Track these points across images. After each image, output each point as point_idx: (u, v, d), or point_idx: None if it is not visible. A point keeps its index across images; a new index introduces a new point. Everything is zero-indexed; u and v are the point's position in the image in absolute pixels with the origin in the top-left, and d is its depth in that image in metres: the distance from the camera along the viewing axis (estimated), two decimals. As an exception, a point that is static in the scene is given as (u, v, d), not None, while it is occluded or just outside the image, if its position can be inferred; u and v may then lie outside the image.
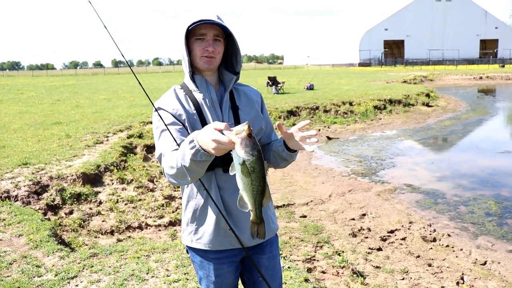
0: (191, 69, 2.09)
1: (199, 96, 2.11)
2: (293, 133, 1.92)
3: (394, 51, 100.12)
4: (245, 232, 2.11)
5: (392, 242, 5.80)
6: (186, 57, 2.04)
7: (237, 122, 2.10)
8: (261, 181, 1.73)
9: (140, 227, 6.07)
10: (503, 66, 66.87)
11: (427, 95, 22.19)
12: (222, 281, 2.22)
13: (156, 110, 2.07)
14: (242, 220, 2.10)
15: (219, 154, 1.65)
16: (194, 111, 2.07)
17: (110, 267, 4.33)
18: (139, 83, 2.26)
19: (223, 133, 1.61)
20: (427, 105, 20.47)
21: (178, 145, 1.91)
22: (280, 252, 4.90)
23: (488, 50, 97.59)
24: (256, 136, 2.16)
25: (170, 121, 2.02)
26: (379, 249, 5.53)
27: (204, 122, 2.04)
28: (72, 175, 6.95)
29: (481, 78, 44.22)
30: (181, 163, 1.77)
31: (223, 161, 2.01)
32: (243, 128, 1.61)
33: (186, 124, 2.05)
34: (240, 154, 1.63)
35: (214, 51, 2.04)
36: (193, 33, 2.03)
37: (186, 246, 2.27)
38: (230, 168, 1.72)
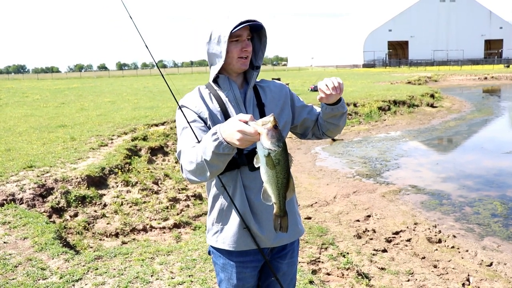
0: (218, 73, 2.08)
1: (223, 94, 2.11)
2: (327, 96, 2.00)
3: (398, 52, 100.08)
4: (270, 233, 2.09)
5: (397, 244, 5.77)
6: (223, 60, 2.02)
7: None
8: (286, 173, 1.71)
9: (144, 230, 6.08)
10: (508, 66, 66.64)
11: (432, 96, 22.13)
12: (243, 284, 2.21)
13: (179, 108, 2.07)
14: (267, 220, 2.07)
15: (243, 146, 1.62)
16: (218, 109, 2.06)
17: (114, 269, 4.34)
18: (167, 84, 2.26)
19: (248, 125, 1.60)
20: (432, 106, 20.41)
21: (199, 142, 1.89)
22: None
23: (492, 50, 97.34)
24: (281, 130, 2.16)
25: (192, 119, 2.02)
26: (384, 251, 5.51)
27: None
28: (77, 178, 6.97)
29: (486, 78, 44.06)
30: (202, 156, 1.74)
31: (249, 159, 1.99)
32: (269, 119, 1.61)
33: (209, 122, 2.04)
34: (266, 145, 1.61)
35: (250, 50, 2.06)
36: (230, 36, 2.02)
37: (210, 246, 2.26)
38: (254, 160, 1.70)
